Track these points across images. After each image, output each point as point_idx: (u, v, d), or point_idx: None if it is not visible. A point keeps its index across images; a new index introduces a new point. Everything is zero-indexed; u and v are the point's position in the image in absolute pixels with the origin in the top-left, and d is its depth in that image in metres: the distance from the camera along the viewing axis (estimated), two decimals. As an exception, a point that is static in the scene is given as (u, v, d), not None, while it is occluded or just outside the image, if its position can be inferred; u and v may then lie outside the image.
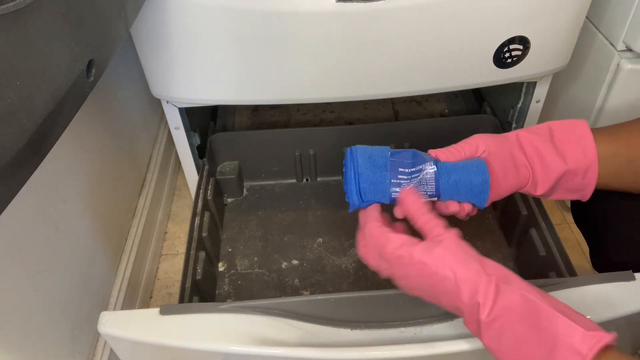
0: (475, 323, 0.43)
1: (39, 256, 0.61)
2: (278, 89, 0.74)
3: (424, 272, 0.45)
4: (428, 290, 0.46)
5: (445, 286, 0.44)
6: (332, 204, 0.92)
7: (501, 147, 0.54)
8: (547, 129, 0.54)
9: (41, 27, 0.35)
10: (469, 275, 0.44)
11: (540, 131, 0.55)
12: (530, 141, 0.54)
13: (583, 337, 0.38)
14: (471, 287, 0.43)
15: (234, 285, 0.80)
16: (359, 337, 0.54)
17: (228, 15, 0.65)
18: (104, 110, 0.84)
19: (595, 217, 0.64)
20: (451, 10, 0.66)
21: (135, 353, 0.57)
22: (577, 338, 0.38)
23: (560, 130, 0.54)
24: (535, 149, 0.53)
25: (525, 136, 0.54)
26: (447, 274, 0.44)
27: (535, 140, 0.54)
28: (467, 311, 0.44)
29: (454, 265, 0.44)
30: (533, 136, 0.54)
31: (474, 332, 0.45)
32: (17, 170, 0.33)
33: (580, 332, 0.38)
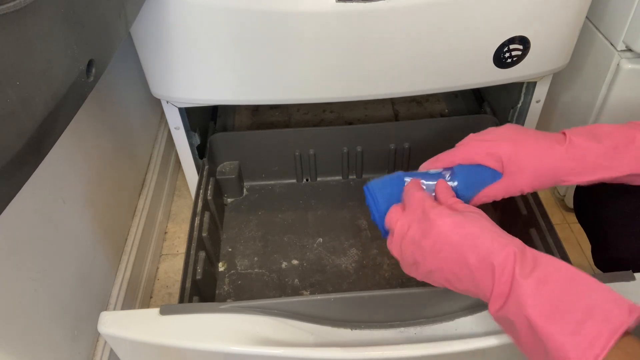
0: (507, 282, 0.40)
1: (39, 256, 0.61)
2: (278, 89, 0.74)
3: (459, 230, 0.43)
4: (459, 254, 0.43)
5: (480, 243, 0.42)
6: (332, 204, 0.92)
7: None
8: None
9: (41, 27, 0.35)
10: (505, 237, 0.43)
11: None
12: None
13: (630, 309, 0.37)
14: (509, 247, 0.41)
15: (234, 285, 0.80)
16: (359, 337, 0.54)
17: (228, 15, 0.65)
18: (104, 110, 0.84)
19: (598, 213, 0.63)
20: (451, 10, 0.66)
21: (135, 353, 0.57)
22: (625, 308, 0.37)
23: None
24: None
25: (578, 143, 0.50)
26: (484, 232, 0.43)
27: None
28: (502, 268, 0.40)
29: (490, 226, 0.44)
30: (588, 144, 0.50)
31: (501, 295, 0.41)
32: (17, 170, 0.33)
33: (626, 303, 0.37)
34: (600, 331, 0.35)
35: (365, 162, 0.94)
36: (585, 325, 0.36)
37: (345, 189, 0.95)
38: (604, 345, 0.35)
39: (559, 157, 0.50)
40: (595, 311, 0.37)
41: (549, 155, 0.50)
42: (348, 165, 0.95)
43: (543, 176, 0.50)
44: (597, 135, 0.50)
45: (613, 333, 0.35)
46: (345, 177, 0.97)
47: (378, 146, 0.93)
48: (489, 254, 0.41)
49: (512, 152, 0.50)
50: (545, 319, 0.38)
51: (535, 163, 0.50)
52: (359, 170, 0.96)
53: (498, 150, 0.51)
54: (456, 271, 0.44)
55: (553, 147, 0.50)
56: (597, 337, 0.35)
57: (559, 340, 0.36)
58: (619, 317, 0.36)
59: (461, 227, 0.44)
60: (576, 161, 0.49)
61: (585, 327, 0.36)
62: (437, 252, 0.44)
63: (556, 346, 0.37)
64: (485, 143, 0.52)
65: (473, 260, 0.42)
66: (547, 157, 0.50)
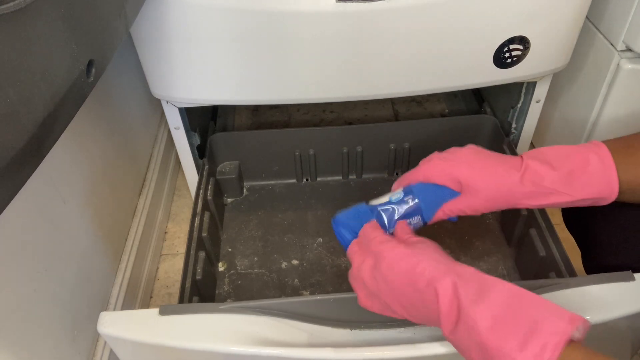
0: (454, 307, 0.42)
1: (39, 256, 0.61)
2: (278, 89, 0.74)
3: (406, 260, 0.46)
4: (409, 283, 0.45)
5: (425, 271, 0.45)
6: (332, 204, 0.92)
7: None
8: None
9: (41, 27, 0.35)
10: (447, 265, 0.45)
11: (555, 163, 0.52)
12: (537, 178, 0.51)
13: (570, 318, 0.39)
14: (449, 275, 0.44)
15: (234, 285, 0.80)
16: (359, 337, 0.54)
17: (228, 15, 0.65)
18: (104, 110, 0.84)
19: (586, 222, 0.64)
20: (451, 10, 0.66)
21: (135, 353, 0.57)
22: (565, 319, 0.39)
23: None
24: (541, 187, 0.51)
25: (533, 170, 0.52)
26: (429, 261, 0.45)
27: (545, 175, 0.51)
28: (445, 293, 0.43)
29: (436, 255, 0.46)
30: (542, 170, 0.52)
31: (449, 320, 0.43)
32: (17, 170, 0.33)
33: (567, 314, 0.39)
34: (545, 344, 0.37)
35: (365, 162, 0.94)
36: (531, 340, 0.38)
37: (345, 189, 0.95)
38: (549, 358, 0.37)
39: (514, 182, 0.51)
40: (539, 326, 0.38)
41: (504, 180, 0.52)
42: (348, 165, 0.95)
43: (497, 199, 0.52)
44: (554, 159, 0.52)
45: (557, 345, 0.37)
46: (345, 177, 0.97)
47: (378, 146, 0.93)
48: (432, 280, 0.44)
49: (469, 175, 0.53)
50: (493, 338, 0.39)
51: (490, 187, 0.52)
52: (359, 170, 0.96)
53: (456, 172, 0.53)
54: (411, 300, 0.46)
55: (509, 172, 0.52)
56: (542, 351, 0.37)
57: (509, 357, 0.38)
58: (560, 329, 0.38)
59: (407, 257, 0.47)
60: (530, 187, 0.51)
61: (531, 342, 0.38)
62: (390, 283, 0.47)
63: None
64: (446, 163, 0.55)
65: (421, 286, 0.44)
66: (502, 182, 0.52)
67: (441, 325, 0.43)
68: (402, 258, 0.47)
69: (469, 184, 0.53)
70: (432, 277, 0.44)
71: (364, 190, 0.95)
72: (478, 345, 0.40)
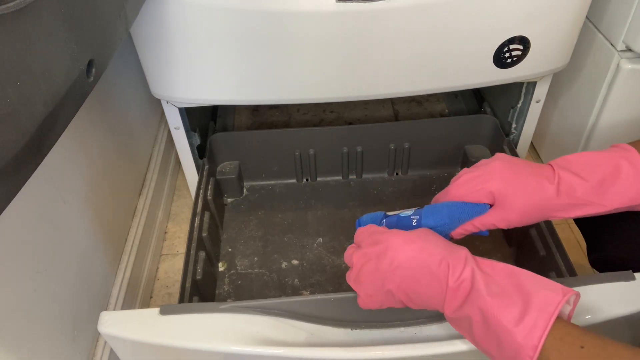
0: (468, 279, 0.44)
1: (39, 256, 0.61)
2: (278, 89, 0.74)
3: (412, 245, 0.48)
4: (417, 266, 0.47)
5: (434, 252, 0.46)
6: (332, 204, 0.92)
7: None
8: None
9: (41, 27, 0.35)
10: (455, 245, 0.48)
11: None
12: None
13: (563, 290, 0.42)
14: (462, 251, 0.47)
15: (234, 285, 0.80)
16: (359, 337, 0.54)
17: (228, 15, 0.65)
18: (104, 110, 0.84)
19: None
20: (451, 11, 0.66)
21: (135, 353, 0.57)
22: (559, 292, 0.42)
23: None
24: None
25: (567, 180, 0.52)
26: (436, 243, 0.48)
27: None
28: (459, 266, 0.45)
29: (439, 239, 0.49)
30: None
31: (461, 293, 0.45)
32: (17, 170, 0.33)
33: (559, 287, 0.42)
34: (538, 316, 0.40)
35: (365, 162, 0.94)
36: (526, 313, 0.41)
37: (345, 189, 0.95)
38: (544, 327, 0.40)
39: (548, 195, 0.51)
40: (533, 299, 0.41)
41: (538, 193, 0.52)
42: (348, 165, 0.95)
43: (531, 212, 0.52)
44: (584, 169, 0.52)
45: (550, 315, 0.40)
46: (345, 177, 0.97)
47: (378, 146, 0.93)
48: (443, 258, 0.46)
49: (502, 189, 0.52)
50: (495, 310, 0.42)
51: (524, 201, 0.52)
52: (359, 170, 0.96)
53: (488, 186, 0.53)
54: (414, 285, 0.47)
55: (542, 185, 0.52)
56: (536, 322, 0.40)
57: (507, 327, 0.41)
58: (554, 300, 0.41)
59: (413, 242, 0.48)
60: (565, 199, 0.51)
61: (527, 314, 0.41)
62: (395, 269, 0.47)
63: (506, 334, 0.41)
64: (476, 179, 0.54)
65: (433, 266, 0.46)
66: (537, 196, 0.52)
67: (447, 301, 0.45)
68: (406, 244, 0.48)
69: (503, 199, 0.52)
70: (442, 256, 0.46)
71: (364, 190, 0.95)
72: (483, 318, 0.43)
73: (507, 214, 0.53)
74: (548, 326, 0.40)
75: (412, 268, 0.47)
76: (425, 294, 0.47)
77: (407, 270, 0.47)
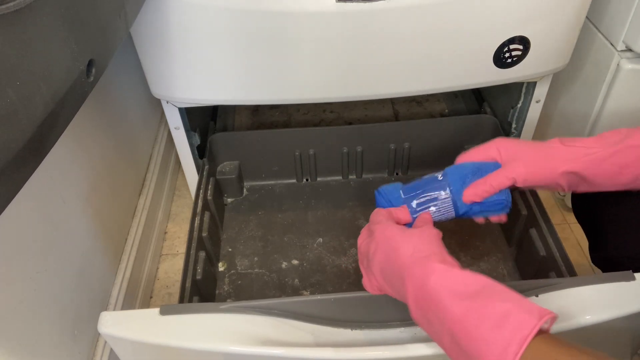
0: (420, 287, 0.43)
1: (39, 256, 0.61)
2: (278, 89, 0.74)
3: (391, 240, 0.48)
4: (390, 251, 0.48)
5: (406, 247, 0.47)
6: (332, 204, 0.92)
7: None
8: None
9: (41, 27, 0.35)
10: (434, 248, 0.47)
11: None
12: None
13: (539, 311, 0.39)
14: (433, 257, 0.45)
15: (234, 285, 0.80)
16: (359, 337, 0.54)
17: (228, 15, 0.65)
18: (104, 110, 0.84)
19: (596, 211, 0.64)
20: (451, 11, 0.66)
21: (135, 353, 0.57)
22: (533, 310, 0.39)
23: None
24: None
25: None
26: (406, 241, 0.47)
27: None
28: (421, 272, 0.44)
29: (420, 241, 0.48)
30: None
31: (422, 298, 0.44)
32: (17, 170, 0.33)
33: (536, 308, 0.40)
34: (512, 337, 0.37)
35: (365, 162, 0.94)
36: (500, 331, 0.38)
37: (345, 189, 0.95)
38: (516, 352, 0.37)
39: (552, 144, 0.54)
40: (509, 319, 0.39)
41: (543, 145, 0.54)
42: (348, 165, 0.95)
43: (540, 162, 0.53)
44: (589, 139, 0.54)
45: (524, 339, 0.37)
46: (345, 177, 0.97)
47: (378, 146, 0.93)
48: (403, 266, 0.46)
49: (508, 146, 0.55)
50: (466, 327, 0.40)
51: (531, 151, 0.54)
52: (359, 170, 0.96)
53: (496, 145, 0.55)
54: (389, 277, 0.48)
55: (545, 140, 0.54)
56: (509, 343, 0.37)
57: (480, 347, 0.39)
58: (529, 323, 0.38)
59: (394, 237, 0.49)
60: (569, 146, 0.53)
61: (500, 332, 0.38)
62: (374, 259, 0.49)
63: (476, 351, 0.39)
64: (480, 147, 0.57)
65: (396, 267, 0.46)
66: (542, 146, 0.54)
67: (409, 303, 0.45)
68: (389, 237, 0.49)
69: (511, 153, 0.54)
70: (403, 262, 0.45)
71: (364, 190, 0.95)
72: (451, 332, 0.41)
73: (520, 163, 0.53)
74: (521, 350, 0.37)
75: (383, 265, 0.48)
76: (395, 289, 0.48)
77: (381, 266, 0.48)
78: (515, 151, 0.54)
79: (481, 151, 0.56)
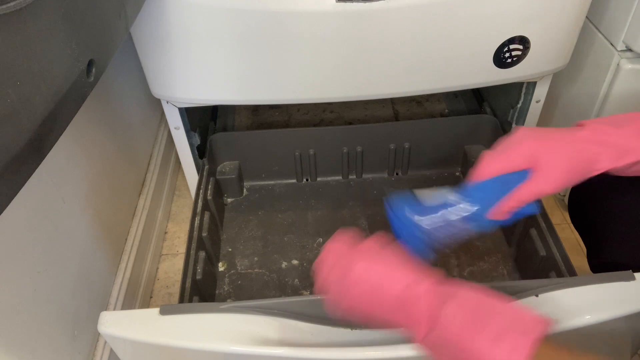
0: (433, 311, 0.42)
1: (39, 256, 0.61)
2: (278, 89, 0.74)
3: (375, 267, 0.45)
4: (377, 289, 0.45)
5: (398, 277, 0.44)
6: (332, 204, 0.92)
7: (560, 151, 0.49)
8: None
9: (41, 27, 0.35)
10: (422, 272, 0.44)
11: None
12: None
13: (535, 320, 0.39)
14: (427, 280, 0.43)
15: (234, 285, 0.80)
16: (359, 337, 0.54)
17: (228, 15, 0.65)
18: (104, 110, 0.84)
19: (593, 218, 0.63)
20: (451, 11, 0.66)
21: (135, 353, 0.57)
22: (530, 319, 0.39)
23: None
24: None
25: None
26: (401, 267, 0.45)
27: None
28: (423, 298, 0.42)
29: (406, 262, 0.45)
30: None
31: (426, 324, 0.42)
32: (17, 170, 0.33)
33: (536, 318, 0.39)
34: (515, 345, 0.37)
35: (365, 162, 0.94)
36: (502, 341, 0.38)
37: (345, 189, 0.95)
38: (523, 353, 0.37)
39: (585, 143, 0.48)
40: (510, 328, 0.39)
41: (575, 145, 0.48)
42: (348, 165, 0.95)
43: (573, 168, 0.48)
44: (615, 120, 0.49)
45: (525, 346, 0.37)
46: (345, 177, 0.97)
47: (378, 146, 0.93)
48: (407, 286, 0.43)
49: (539, 146, 0.49)
50: (467, 339, 0.39)
51: (563, 156, 0.48)
52: (359, 170, 0.96)
53: (523, 149, 0.49)
54: (374, 306, 0.45)
55: (576, 137, 0.48)
56: (512, 351, 0.37)
57: (482, 355, 0.38)
58: (531, 331, 0.38)
59: (375, 266, 0.45)
60: (603, 145, 0.48)
61: (502, 342, 0.38)
62: (354, 295, 0.45)
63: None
64: (508, 150, 0.50)
65: (395, 291, 0.43)
66: (575, 147, 0.48)
67: (415, 330, 0.43)
68: (370, 267, 0.45)
69: (543, 158, 0.48)
70: (407, 284, 0.43)
71: (364, 190, 0.95)
72: (456, 346, 0.40)
73: (552, 172, 0.48)
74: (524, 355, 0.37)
75: (370, 295, 0.45)
76: (383, 318, 0.45)
77: (364, 296, 0.45)
78: (546, 158, 0.48)
79: (507, 160, 0.50)
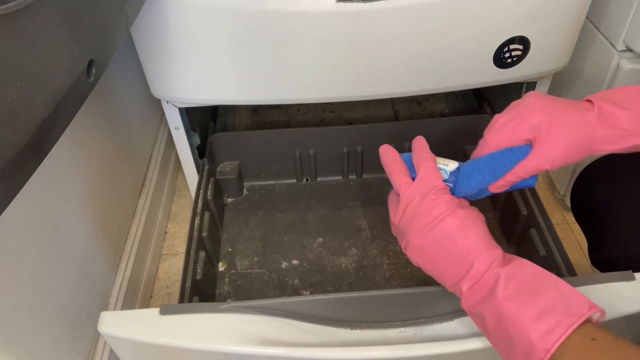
0: (490, 280, 0.44)
1: (39, 256, 0.61)
2: (278, 89, 0.74)
3: (456, 221, 0.47)
4: (447, 241, 0.47)
5: (470, 238, 0.46)
6: (332, 204, 0.92)
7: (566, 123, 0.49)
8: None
9: (41, 27, 0.35)
10: (492, 241, 0.47)
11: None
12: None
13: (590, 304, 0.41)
14: (495, 250, 0.46)
15: (234, 285, 0.80)
16: (359, 337, 0.54)
17: (228, 15, 0.65)
18: (104, 110, 0.84)
19: (595, 213, 0.63)
20: (451, 11, 0.66)
21: (135, 353, 0.57)
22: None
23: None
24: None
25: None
26: (477, 230, 0.47)
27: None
28: (486, 266, 0.44)
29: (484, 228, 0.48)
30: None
31: (479, 291, 0.45)
32: (17, 170, 0.33)
33: (587, 301, 0.41)
34: (560, 321, 0.39)
35: (365, 162, 0.94)
36: (547, 315, 0.40)
37: (345, 189, 0.95)
38: (562, 333, 0.38)
39: (592, 126, 0.48)
40: (558, 304, 0.40)
41: (580, 123, 0.48)
42: (348, 165, 0.95)
43: (577, 146, 0.49)
44: (624, 100, 0.49)
45: (571, 324, 0.39)
46: (345, 177, 0.97)
47: (378, 146, 0.92)
48: (472, 250, 0.46)
49: (544, 120, 0.49)
50: (512, 307, 0.41)
51: (568, 133, 0.48)
52: (359, 170, 0.96)
53: (528, 121, 0.49)
54: (437, 255, 0.48)
55: (583, 115, 0.48)
56: (556, 326, 0.39)
57: (523, 325, 0.40)
58: (578, 311, 0.40)
59: (458, 219, 0.47)
60: (609, 129, 0.48)
61: (547, 316, 0.40)
62: (428, 232, 0.48)
63: (519, 330, 0.40)
64: (514, 120, 0.51)
65: (460, 249, 0.46)
66: (580, 126, 0.48)
67: (464, 296, 0.46)
68: (452, 218, 0.47)
69: (545, 132, 0.48)
70: (472, 248, 0.46)
71: (364, 190, 0.95)
72: (497, 316, 0.42)
73: (551, 149, 0.49)
74: (567, 333, 0.38)
75: (438, 244, 0.47)
76: (437, 270, 0.48)
77: (433, 243, 0.47)
78: (549, 134, 0.49)
79: (512, 132, 0.50)
